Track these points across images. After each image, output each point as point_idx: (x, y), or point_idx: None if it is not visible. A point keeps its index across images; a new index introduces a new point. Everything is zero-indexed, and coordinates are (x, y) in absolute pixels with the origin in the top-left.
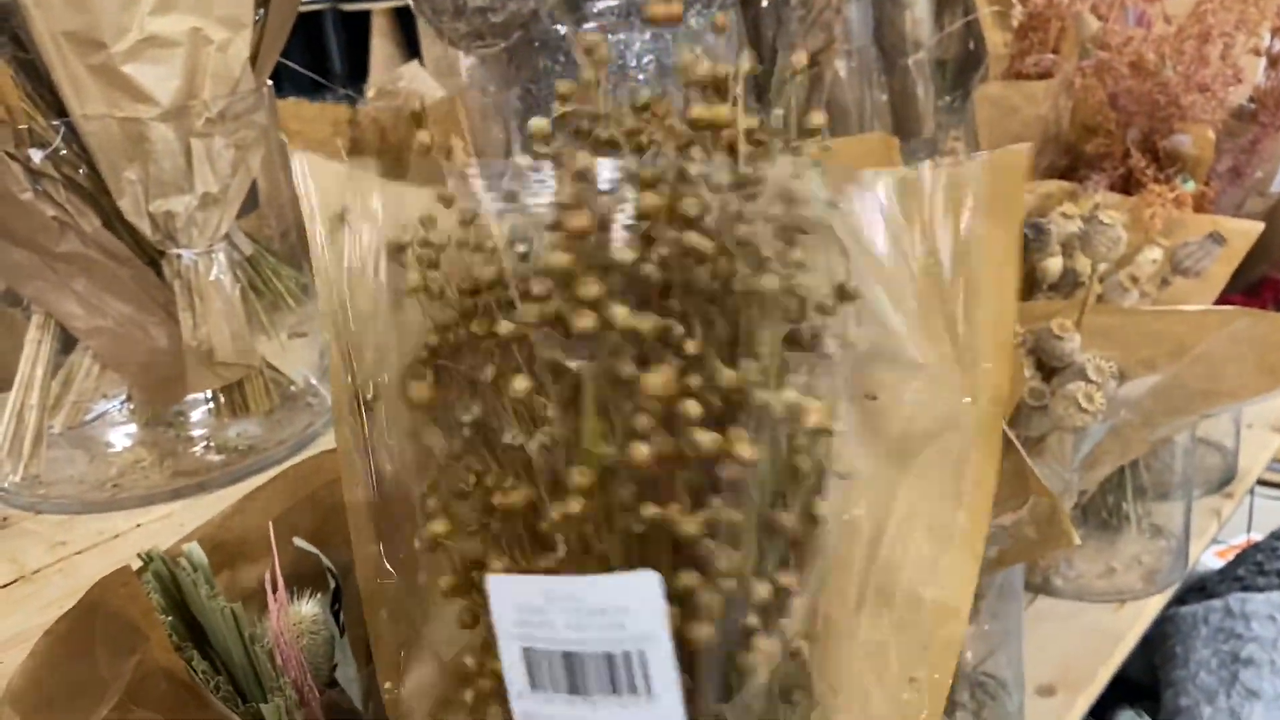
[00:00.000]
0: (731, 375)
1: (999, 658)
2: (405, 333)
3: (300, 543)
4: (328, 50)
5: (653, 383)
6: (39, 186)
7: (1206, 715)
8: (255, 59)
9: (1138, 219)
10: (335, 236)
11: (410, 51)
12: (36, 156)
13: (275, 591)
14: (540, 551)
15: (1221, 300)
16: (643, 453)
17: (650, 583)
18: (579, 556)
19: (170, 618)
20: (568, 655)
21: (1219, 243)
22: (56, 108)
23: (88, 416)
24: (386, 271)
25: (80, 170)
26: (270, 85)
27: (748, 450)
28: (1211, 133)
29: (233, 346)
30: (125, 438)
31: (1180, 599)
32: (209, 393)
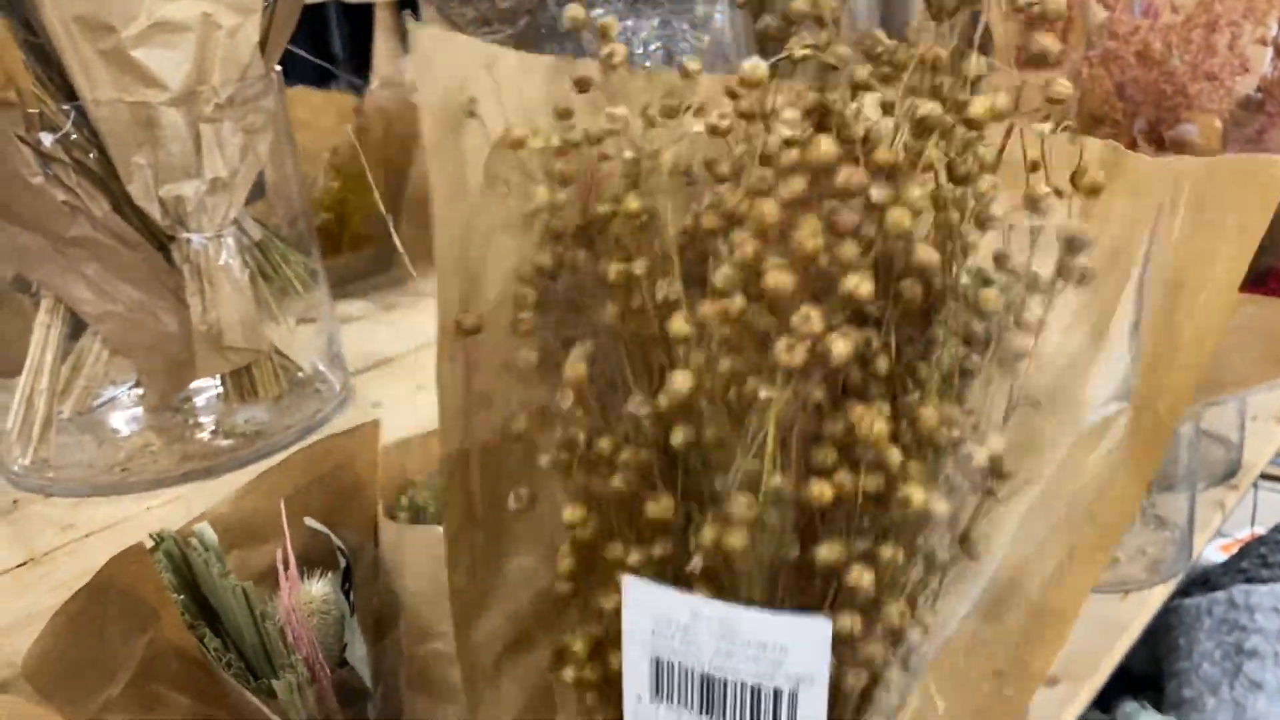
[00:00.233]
0: (933, 417)
1: None
2: (511, 251)
3: (311, 522)
4: (330, 42)
5: (867, 423)
6: (49, 171)
7: (1210, 706)
8: (264, 45)
9: None
10: (458, 133)
11: None
12: (47, 140)
13: (287, 569)
14: (665, 563)
15: None
16: (826, 494)
17: (821, 628)
18: (718, 584)
19: (182, 596)
20: (707, 678)
21: None
22: (67, 92)
23: (96, 402)
24: (491, 178)
25: (90, 155)
26: (279, 71)
27: (942, 506)
28: (1218, 122)
29: (241, 331)
30: (134, 422)
31: (1184, 591)
32: (218, 378)
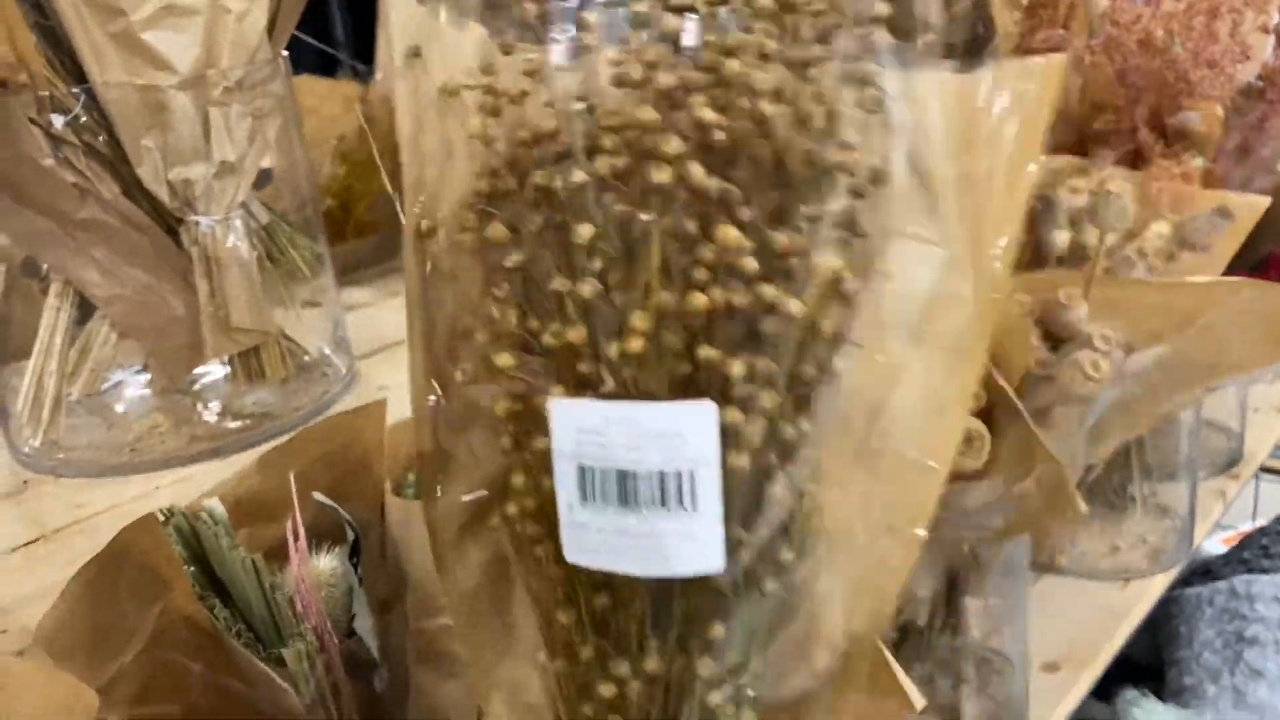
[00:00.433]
0: (784, 239)
1: (1004, 634)
2: (458, 177)
3: (320, 497)
4: (333, 34)
5: (726, 237)
6: (60, 153)
7: (1210, 694)
8: (271, 30)
9: (1145, 194)
10: (410, 70)
11: None
12: (58, 123)
13: (296, 541)
14: (584, 389)
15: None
16: (702, 301)
17: (707, 411)
18: (626, 393)
19: (192, 569)
20: (622, 473)
21: (1226, 217)
22: (77, 74)
23: (105, 384)
24: (442, 115)
25: (100, 137)
26: (286, 56)
27: (795, 306)
28: (1220, 110)
29: (249, 311)
30: (142, 404)
31: (1185, 582)
32: (225, 360)
